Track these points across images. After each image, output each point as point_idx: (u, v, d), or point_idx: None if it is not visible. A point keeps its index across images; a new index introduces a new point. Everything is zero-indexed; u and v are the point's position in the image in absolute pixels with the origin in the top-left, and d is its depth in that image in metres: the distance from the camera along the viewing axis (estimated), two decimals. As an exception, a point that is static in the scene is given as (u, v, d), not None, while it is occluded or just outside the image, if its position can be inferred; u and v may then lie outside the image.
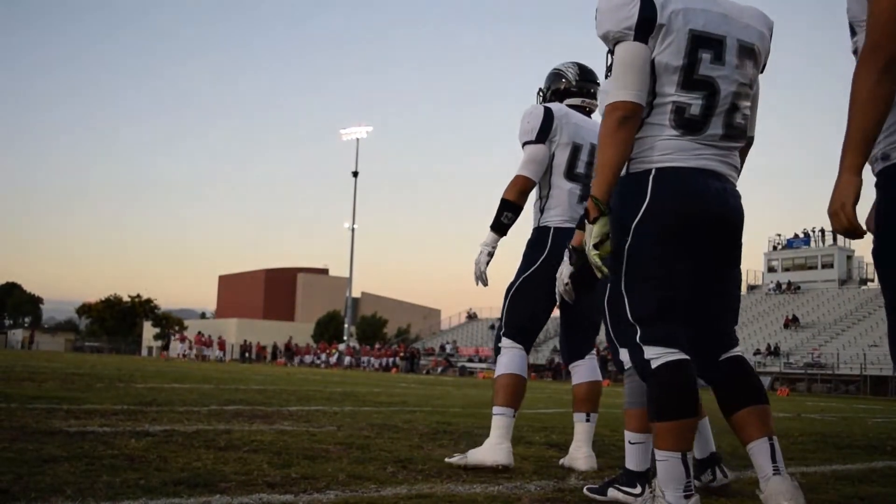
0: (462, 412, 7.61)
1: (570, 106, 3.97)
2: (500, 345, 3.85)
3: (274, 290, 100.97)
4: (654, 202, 2.47)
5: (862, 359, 32.86)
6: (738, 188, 2.65)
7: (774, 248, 52.80)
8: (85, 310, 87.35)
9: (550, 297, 3.83)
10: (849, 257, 48.72)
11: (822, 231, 50.16)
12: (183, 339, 54.34)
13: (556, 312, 4.11)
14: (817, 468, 4.34)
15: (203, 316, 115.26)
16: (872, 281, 44.24)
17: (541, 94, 4.18)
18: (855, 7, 2.11)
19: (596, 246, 2.49)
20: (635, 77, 2.45)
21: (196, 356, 47.92)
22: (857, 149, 1.97)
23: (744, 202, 2.87)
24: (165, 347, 48.59)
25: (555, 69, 4.15)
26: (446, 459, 3.71)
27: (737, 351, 2.70)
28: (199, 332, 54.63)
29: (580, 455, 3.88)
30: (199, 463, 3.29)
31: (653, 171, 2.48)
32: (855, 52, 2.10)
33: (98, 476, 2.85)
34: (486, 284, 3.81)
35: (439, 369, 42.90)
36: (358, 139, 63.72)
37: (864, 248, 59.69)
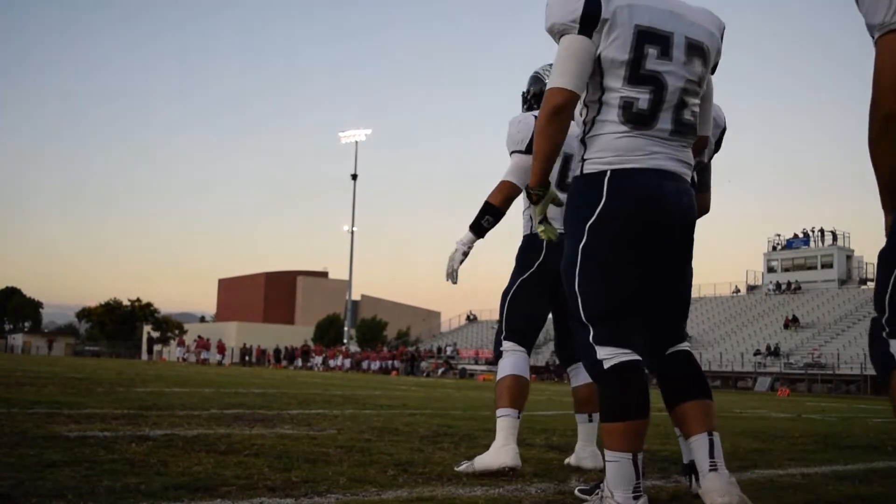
0: (463, 414, 7.61)
1: None
2: (501, 348, 3.88)
3: (274, 293, 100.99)
4: (610, 204, 2.50)
5: (862, 359, 32.86)
6: (690, 185, 2.68)
7: (774, 248, 52.82)
8: (85, 314, 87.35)
9: (546, 298, 3.89)
10: (848, 257, 48.77)
11: (822, 231, 50.20)
12: (182, 343, 54.37)
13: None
14: (818, 468, 4.34)
15: (203, 319, 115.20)
16: (872, 281, 44.28)
17: (523, 96, 4.17)
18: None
19: (540, 223, 2.71)
20: (573, 66, 2.48)
21: (195, 359, 47.95)
22: (884, 196, 2.21)
23: (744, 202, 2.88)
24: (149, 351, 48.60)
25: (536, 73, 4.14)
26: (455, 468, 3.70)
27: (684, 345, 2.74)
28: (199, 336, 54.68)
29: (587, 454, 3.93)
30: (199, 467, 3.29)
31: (608, 173, 2.52)
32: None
33: (99, 481, 2.85)
34: (455, 282, 3.78)
35: (439, 371, 42.90)
36: (357, 142, 63.80)
37: (863, 247, 59.66)
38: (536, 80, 4.12)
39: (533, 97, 4.09)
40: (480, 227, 3.77)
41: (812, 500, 3.28)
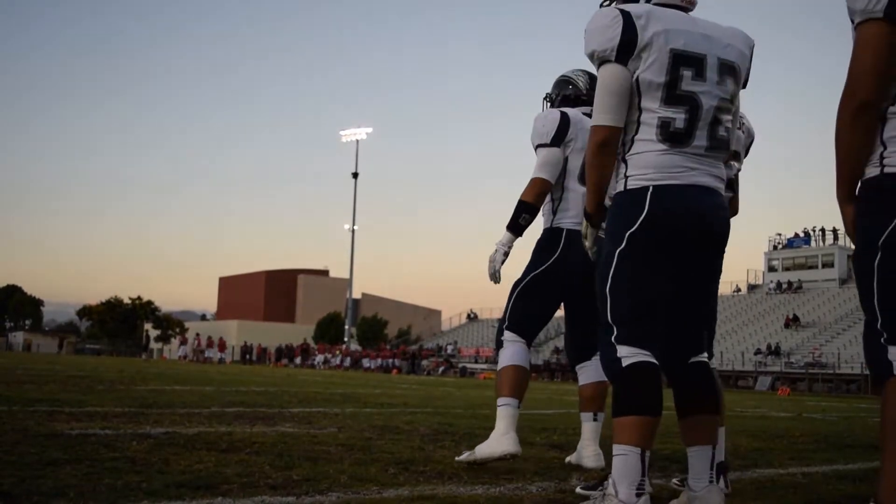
0: (463, 413, 7.61)
1: (583, 114, 4.02)
2: (502, 338, 3.90)
3: (274, 291, 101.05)
4: (652, 214, 2.59)
5: (863, 358, 32.76)
6: (724, 199, 2.78)
7: (775, 247, 52.80)
8: (86, 312, 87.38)
9: (556, 297, 3.92)
10: (849, 256, 48.57)
11: (823, 230, 50.19)
12: (185, 341, 54.45)
13: (560, 312, 4.14)
14: (818, 468, 4.35)
15: (204, 318, 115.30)
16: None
17: (548, 99, 4.22)
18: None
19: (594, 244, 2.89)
20: (612, 101, 2.61)
21: (194, 358, 48.01)
22: (842, 183, 2.32)
23: (745, 201, 2.92)
24: (144, 349, 48.64)
25: (564, 76, 4.21)
26: (456, 459, 3.73)
27: (704, 357, 2.81)
28: (198, 334, 54.75)
29: (588, 453, 3.94)
30: (200, 465, 3.29)
31: (650, 188, 2.61)
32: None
33: (100, 479, 2.85)
34: (498, 282, 3.90)
35: (440, 370, 42.92)
36: (358, 140, 63.76)
37: (864, 247, 59.31)
38: (566, 82, 4.18)
39: (562, 99, 4.15)
40: (518, 226, 3.87)
41: (812, 500, 3.28)
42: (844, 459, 4.85)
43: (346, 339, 61.86)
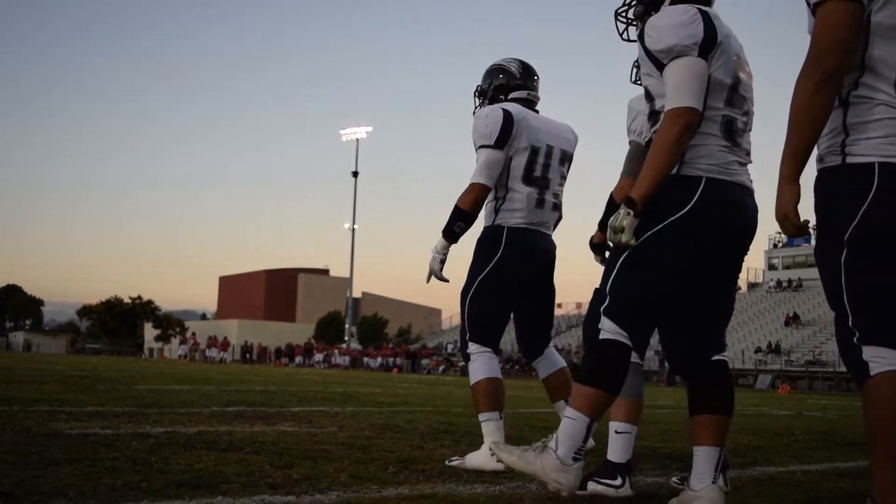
0: (464, 412, 7.61)
1: (516, 99, 3.89)
2: (468, 351, 3.83)
3: (275, 290, 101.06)
4: (700, 207, 2.59)
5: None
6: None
7: (775, 245, 52.81)
8: (86, 311, 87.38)
9: (508, 295, 3.84)
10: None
11: (823, 228, 50.14)
12: (185, 341, 54.55)
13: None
14: (818, 466, 4.35)
15: (204, 317, 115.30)
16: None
17: (479, 92, 4.03)
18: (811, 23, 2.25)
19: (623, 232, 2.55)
20: (698, 87, 2.59)
21: (191, 357, 48.09)
22: (793, 160, 2.16)
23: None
24: (139, 348, 48.80)
25: (495, 65, 4.03)
26: (447, 462, 3.71)
27: (723, 356, 2.81)
28: (193, 333, 54.90)
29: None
30: (200, 464, 3.29)
31: (704, 180, 2.61)
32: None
33: (100, 478, 2.85)
34: (446, 281, 3.80)
35: (440, 369, 42.91)
36: (358, 139, 63.78)
37: (864, 245, 59.37)
38: (498, 71, 3.98)
39: (496, 89, 3.96)
40: (453, 234, 3.75)
41: (812, 497, 3.28)
42: (844, 457, 4.85)
43: (346, 338, 61.87)
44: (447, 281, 3.82)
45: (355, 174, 63.73)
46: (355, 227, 63.39)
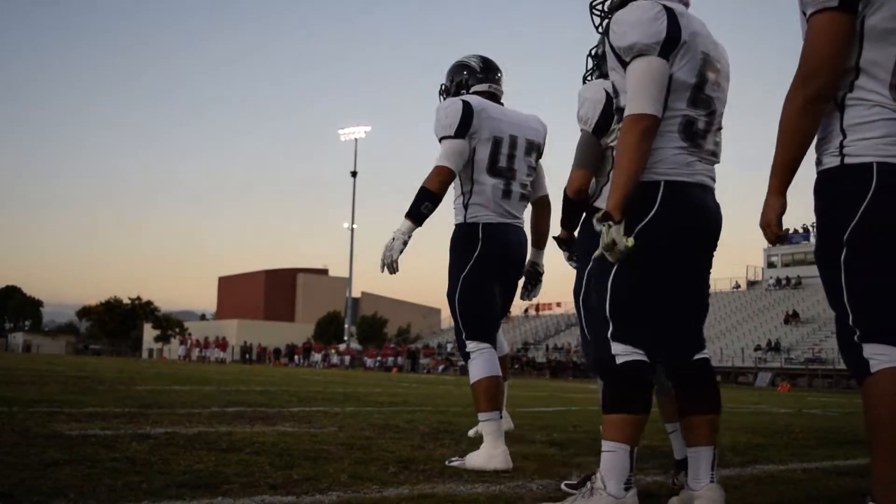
0: (463, 412, 7.60)
1: (478, 93, 3.91)
2: (467, 350, 3.83)
3: (274, 290, 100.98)
4: (662, 212, 2.59)
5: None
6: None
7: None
8: (85, 312, 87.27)
9: (493, 288, 3.87)
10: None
11: (822, 226, 50.14)
12: (185, 341, 54.61)
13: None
14: (818, 464, 4.35)
15: (203, 317, 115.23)
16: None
17: (443, 90, 4.07)
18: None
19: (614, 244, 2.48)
20: (658, 92, 2.55)
21: (187, 357, 48.17)
22: (781, 173, 2.26)
23: (744, 197, 2.93)
24: (134, 348, 48.99)
25: (457, 62, 4.09)
26: (447, 462, 3.72)
27: (705, 353, 2.81)
28: (190, 333, 54.96)
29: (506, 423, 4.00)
30: (200, 465, 3.29)
31: (662, 184, 2.60)
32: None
33: (100, 479, 2.85)
34: (395, 272, 3.66)
35: (440, 369, 42.91)
36: (356, 139, 63.72)
37: (863, 242, 59.41)
38: (460, 67, 4.03)
39: (457, 86, 3.99)
40: (420, 215, 3.68)
41: (812, 495, 3.28)
42: (844, 455, 4.85)
43: (345, 338, 61.83)
44: (394, 272, 3.66)
45: (354, 174, 63.70)
46: (354, 226, 63.41)
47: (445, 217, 3.93)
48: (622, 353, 2.59)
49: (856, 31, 2.16)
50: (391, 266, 3.65)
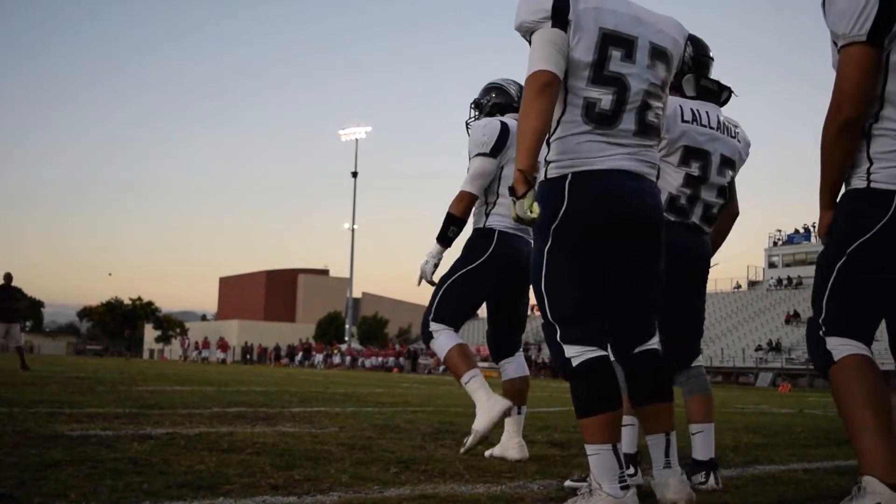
0: (464, 412, 7.60)
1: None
2: (430, 329, 4.00)
3: (275, 291, 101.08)
4: (571, 206, 2.55)
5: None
6: (655, 184, 2.73)
7: (775, 243, 52.84)
8: (86, 313, 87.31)
9: (483, 294, 4.08)
10: (849, 252, 48.63)
11: (823, 226, 50.16)
12: (184, 343, 54.69)
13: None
14: (819, 464, 4.35)
15: (204, 318, 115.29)
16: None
17: (476, 104, 4.27)
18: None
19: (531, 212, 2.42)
20: (552, 52, 2.49)
21: (185, 358, 48.22)
22: (828, 195, 2.51)
23: (745, 197, 2.89)
24: (129, 349, 49.05)
25: (494, 83, 4.28)
26: (461, 451, 3.84)
27: (652, 344, 2.78)
28: (186, 334, 55.04)
29: (512, 445, 4.05)
30: (202, 465, 3.29)
31: (569, 177, 2.57)
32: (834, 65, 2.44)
33: (101, 480, 2.85)
34: (434, 284, 4.06)
35: (440, 369, 42.91)
36: (357, 139, 63.79)
37: (864, 242, 59.49)
38: (499, 90, 4.24)
39: (494, 106, 4.22)
40: (447, 239, 4.04)
41: (813, 495, 3.28)
42: (845, 455, 4.85)
43: (346, 338, 61.85)
44: (436, 284, 4.05)
45: (355, 174, 63.75)
46: (355, 227, 63.46)
47: (441, 218, 4.09)
48: (576, 354, 2.56)
49: (881, 64, 2.32)
50: (430, 282, 4.08)
